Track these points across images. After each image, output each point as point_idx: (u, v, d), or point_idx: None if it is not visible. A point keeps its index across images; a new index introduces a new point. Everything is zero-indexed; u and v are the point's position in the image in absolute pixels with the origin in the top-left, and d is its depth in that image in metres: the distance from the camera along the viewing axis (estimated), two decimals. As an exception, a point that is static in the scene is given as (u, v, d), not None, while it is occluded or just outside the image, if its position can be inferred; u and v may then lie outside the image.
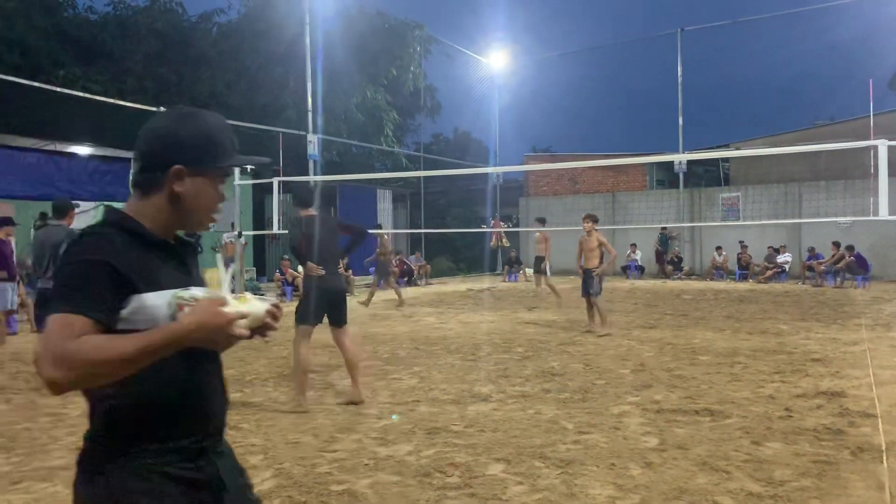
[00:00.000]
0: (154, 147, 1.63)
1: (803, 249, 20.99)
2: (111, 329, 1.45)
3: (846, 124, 23.32)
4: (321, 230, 6.05)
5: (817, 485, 3.96)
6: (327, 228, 6.12)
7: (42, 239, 6.91)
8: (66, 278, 1.48)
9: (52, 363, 1.36)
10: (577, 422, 5.34)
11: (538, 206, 27.63)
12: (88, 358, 1.37)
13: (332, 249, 6.14)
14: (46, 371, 1.37)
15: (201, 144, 1.63)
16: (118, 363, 1.39)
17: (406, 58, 26.53)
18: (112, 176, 15.34)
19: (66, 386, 1.38)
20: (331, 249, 6.10)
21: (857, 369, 7.30)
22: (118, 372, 1.41)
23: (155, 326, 1.47)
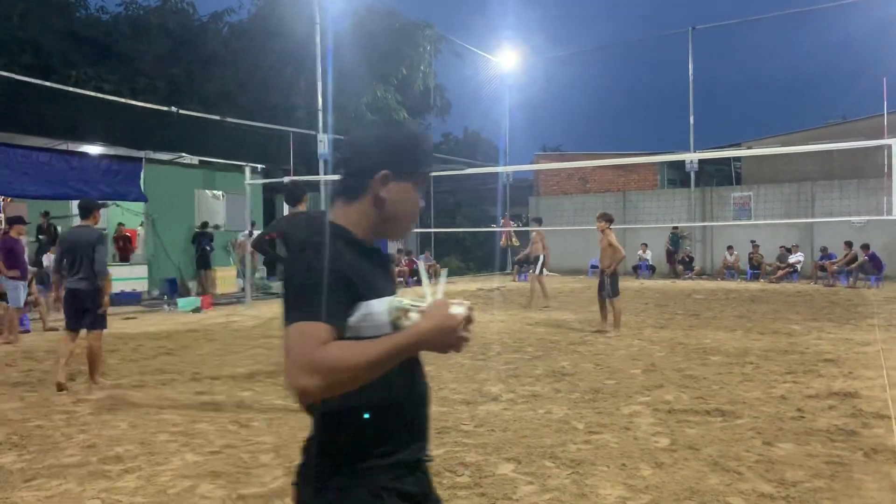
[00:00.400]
0: (363, 154, 1.65)
1: (816, 249, 20.86)
2: (341, 337, 1.45)
3: (859, 123, 23.17)
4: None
5: (830, 486, 3.93)
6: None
7: (71, 240, 7.01)
8: (303, 286, 1.47)
9: (302, 371, 1.37)
10: (587, 422, 5.33)
11: (548, 206, 27.60)
12: (338, 365, 1.38)
13: None
14: (297, 380, 1.37)
15: (409, 150, 1.66)
16: (365, 369, 1.40)
17: (416, 57, 26.54)
18: (123, 175, 15.42)
19: (316, 393, 1.39)
20: None
21: (871, 370, 7.25)
22: (364, 378, 1.41)
23: (379, 334, 1.47)
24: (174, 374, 7.45)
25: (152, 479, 4.17)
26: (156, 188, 16.23)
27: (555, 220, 26.54)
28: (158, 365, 8.05)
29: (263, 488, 4.00)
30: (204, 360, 8.30)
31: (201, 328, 11.34)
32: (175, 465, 4.41)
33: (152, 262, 16.56)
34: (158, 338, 10.27)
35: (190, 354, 8.77)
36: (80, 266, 6.79)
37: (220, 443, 4.88)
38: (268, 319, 12.17)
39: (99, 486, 4.07)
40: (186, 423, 5.43)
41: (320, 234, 1.57)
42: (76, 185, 14.28)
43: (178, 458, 4.57)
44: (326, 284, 1.47)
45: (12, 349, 9.21)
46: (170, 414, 5.72)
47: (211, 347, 9.30)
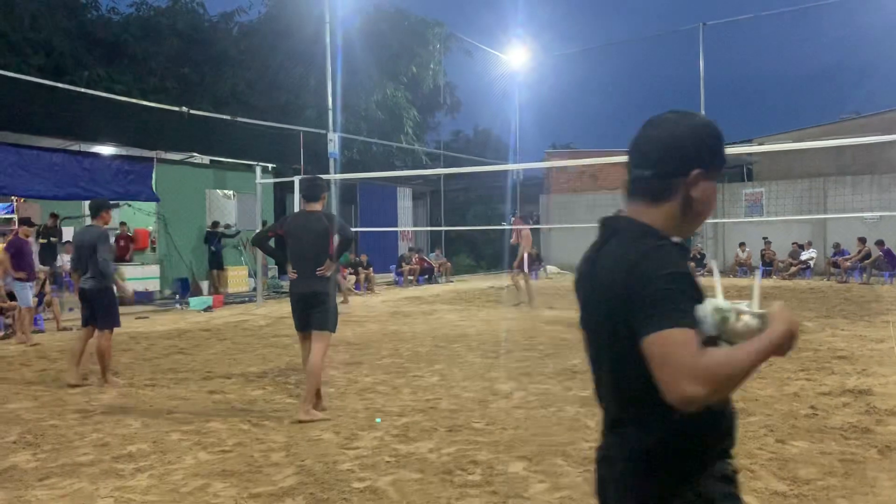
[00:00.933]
0: (674, 153, 1.58)
1: (828, 245, 20.71)
2: None
3: (873, 118, 22.95)
4: (304, 228, 5.62)
5: (844, 483, 3.90)
6: (313, 227, 5.58)
7: (78, 240, 7.19)
8: (669, 291, 1.42)
9: (688, 380, 1.34)
10: (599, 420, 5.30)
11: (559, 204, 27.54)
12: (721, 371, 1.36)
13: (315, 250, 5.55)
14: (683, 389, 1.34)
15: (716, 146, 1.62)
16: (743, 374, 1.38)
17: (426, 55, 26.55)
18: (135, 175, 15.49)
19: (701, 401, 1.36)
20: (311, 250, 5.56)
21: (885, 367, 7.19)
22: (740, 383, 1.41)
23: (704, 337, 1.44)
24: (186, 374, 7.48)
25: (164, 478, 4.19)
26: (167, 188, 16.30)
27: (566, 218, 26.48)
28: (170, 364, 8.09)
29: (274, 487, 4.01)
30: (216, 360, 8.34)
31: (213, 327, 11.38)
32: (187, 464, 4.43)
33: (164, 261, 16.64)
34: (170, 337, 10.32)
35: (202, 354, 8.81)
36: (86, 265, 6.95)
37: (232, 442, 4.90)
38: (278, 318, 12.20)
39: (112, 484, 4.10)
40: (198, 422, 5.46)
41: (660, 239, 1.53)
42: (88, 185, 14.36)
43: (191, 456, 4.59)
44: (687, 289, 1.44)
45: (26, 348, 9.28)
46: (182, 413, 5.75)
47: (222, 347, 9.34)
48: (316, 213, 5.68)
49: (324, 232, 5.59)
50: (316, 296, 5.53)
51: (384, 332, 10.54)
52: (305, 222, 5.64)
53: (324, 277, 5.54)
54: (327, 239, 5.61)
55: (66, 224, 15.07)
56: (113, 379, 6.90)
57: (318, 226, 5.58)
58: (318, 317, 5.54)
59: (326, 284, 5.59)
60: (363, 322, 11.78)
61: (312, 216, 5.65)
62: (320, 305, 5.55)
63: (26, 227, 10.35)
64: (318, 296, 5.54)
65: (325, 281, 5.57)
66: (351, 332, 10.48)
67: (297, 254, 5.63)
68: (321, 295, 5.55)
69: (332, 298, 5.73)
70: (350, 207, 22.77)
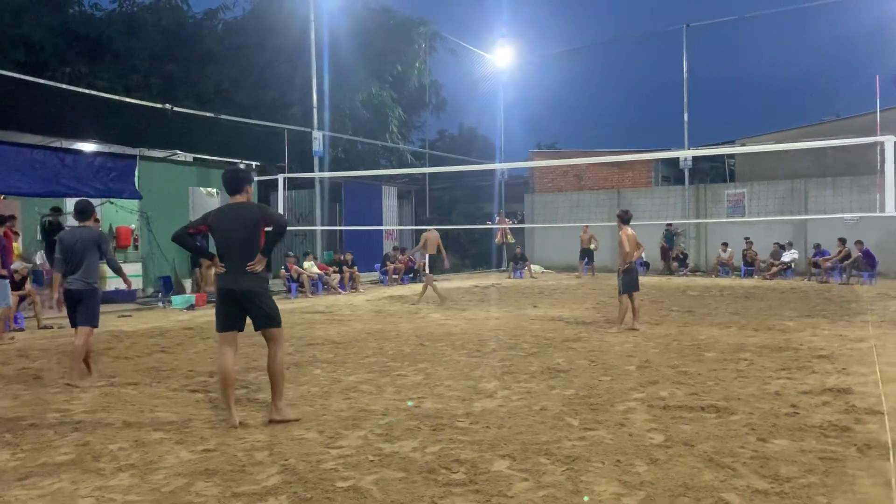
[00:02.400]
0: None
1: (809, 246, 20.93)
2: None
3: (853, 120, 23.22)
4: (232, 220, 5.32)
5: (824, 481, 3.94)
6: (241, 218, 5.29)
7: (71, 240, 7.09)
8: None
9: None
10: (582, 418, 5.34)
11: (544, 203, 27.65)
12: None
13: (243, 244, 5.27)
14: None
15: None
16: None
17: (411, 54, 26.54)
18: (117, 173, 15.36)
19: None
20: (239, 243, 5.27)
21: (864, 366, 7.27)
22: None
23: None
24: (168, 372, 7.44)
25: (146, 478, 4.16)
26: (150, 186, 16.19)
27: (550, 217, 26.60)
28: (153, 363, 8.04)
29: (258, 486, 3.99)
30: (198, 358, 8.29)
31: (196, 326, 11.31)
32: (169, 463, 4.40)
33: (147, 259, 16.52)
34: (153, 335, 10.25)
35: (184, 352, 8.76)
36: (77, 266, 6.97)
37: (215, 441, 4.87)
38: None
39: (93, 484, 4.06)
40: (181, 420, 5.42)
41: None
42: (70, 182, 14.22)
43: (173, 455, 4.56)
44: None
45: (5, 347, 9.18)
46: (164, 412, 5.71)
47: (205, 345, 9.28)
48: (244, 204, 5.43)
49: (254, 224, 5.29)
50: (250, 294, 5.26)
51: (368, 330, 10.52)
52: (233, 215, 5.33)
53: (255, 273, 5.26)
54: (258, 231, 5.32)
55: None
56: (78, 381, 6.77)
57: (247, 217, 5.30)
58: (260, 315, 5.32)
59: (259, 280, 5.34)
60: (347, 321, 11.75)
61: (241, 208, 5.38)
62: (257, 302, 5.29)
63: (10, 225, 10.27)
64: (252, 293, 5.27)
65: (258, 276, 5.30)
66: (335, 331, 10.46)
67: (226, 248, 5.32)
68: (254, 292, 5.28)
69: (267, 293, 5.44)
70: (335, 206, 22.72)
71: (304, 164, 20.58)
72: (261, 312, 5.32)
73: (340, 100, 23.44)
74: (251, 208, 5.43)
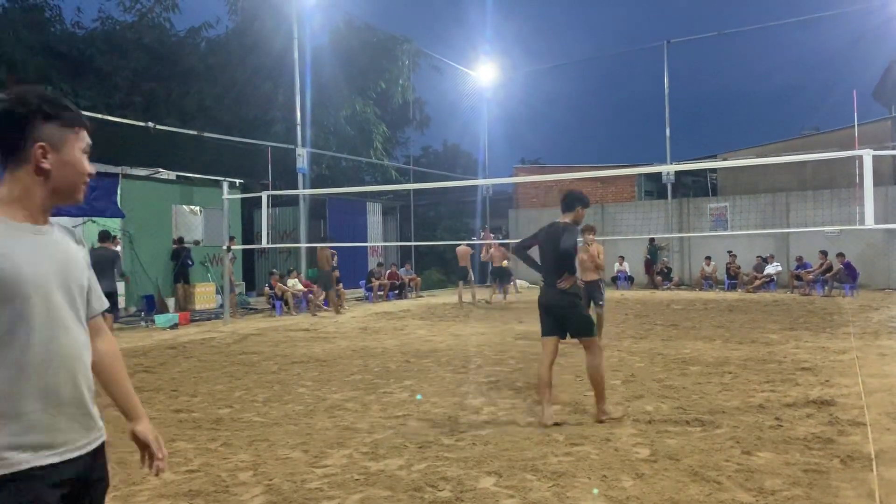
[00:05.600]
0: None
1: (791, 258, 21.12)
2: None
3: (832, 134, 23.53)
4: (549, 237, 5.83)
5: (808, 493, 3.96)
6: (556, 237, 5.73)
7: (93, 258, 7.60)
8: None
9: None
10: (568, 434, 5.33)
11: (528, 218, 27.71)
12: None
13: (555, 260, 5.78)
14: None
15: None
16: None
17: (395, 71, 26.62)
18: (100, 192, 15.27)
19: None
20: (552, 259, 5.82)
21: (847, 378, 7.33)
22: None
23: None
24: (151, 392, 7.36)
25: (129, 500, 4.11)
26: (133, 204, 16.10)
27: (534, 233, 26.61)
28: (135, 382, 7.89)
29: (242, 507, 3.95)
30: (182, 378, 8.21)
31: (179, 345, 11.22)
32: (152, 485, 4.35)
33: (130, 278, 16.39)
34: (135, 355, 10.15)
35: (167, 372, 8.68)
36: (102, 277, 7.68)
37: (199, 461, 4.83)
38: (246, 336, 12.07)
39: (74, 507, 4.00)
40: (164, 441, 5.35)
41: None
42: (51, 201, 14.10)
43: (156, 477, 4.50)
44: None
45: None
46: (147, 432, 5.64)
47: (189, 364, 9.20)
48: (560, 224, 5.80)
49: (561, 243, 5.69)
50: (558, 307, 5.80)
51: (354, 348, 10.48)
52: (552, 233, 5.79)
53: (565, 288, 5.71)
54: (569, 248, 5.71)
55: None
56: None
57: (559, 236, 5.68)
58: (571, 327, 5.79)
59: (568, 295, 5.76)
60: (332, 338, 11.70)
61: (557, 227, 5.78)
62: (567, 315, 5.79)
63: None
64: (560, 307, 5.79)
65: (566, 292, 5.73)
66: (320, 349, 10.40)
67: (544, 263, 5.93)
68: (561, 306, 5.78)
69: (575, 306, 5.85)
70: (319, 222, 22.68)
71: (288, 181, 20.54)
72: (571, 324, 5.77)
73: (324, 116, 23.47)
74: (559, 228, 5.79)
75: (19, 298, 1.66)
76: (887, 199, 19.74)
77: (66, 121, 1.80)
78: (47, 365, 1.70)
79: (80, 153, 1.84)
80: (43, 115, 1.75)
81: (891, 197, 20.12)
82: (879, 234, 20.16)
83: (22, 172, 1.75)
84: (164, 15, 24.89)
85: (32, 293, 1.68)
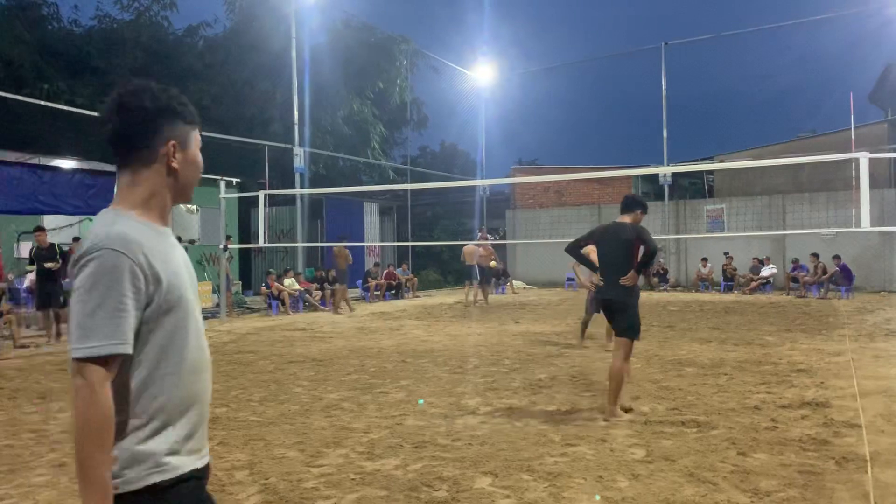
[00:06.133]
0: None
1: (787, 260, 21.16)
2: None
3: (828, 137, 23.59)
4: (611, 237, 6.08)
5: (803, 495, 3.97)
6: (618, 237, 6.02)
7: None
8: None
9: None
10: (564, 434, 5.34)
11: (525, 219, 27.74)
12: None
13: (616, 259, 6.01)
14: None
15: None
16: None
17: (392, 71, 26.61)
18: (96, 190, 15.19)
19: None
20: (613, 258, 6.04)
21: (842, 380, 7.35)
22: None
23: None
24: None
25: (124, 498, 4.10)
26: (129, 202, 16.04)
27: (532, 233, 26.68)
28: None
29: (238, 506, 3.96)
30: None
31: (175, 344, 11.19)
32: (148, 484, 4.34)
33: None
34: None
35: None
36: None
37: (195, 460, 4.82)
38: (243, 335, 12.06)
39: (69, 505, 4.00)
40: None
41: None
42: (48, 199, 14.05)
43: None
44: None
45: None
46: (143, 431, 5.64)
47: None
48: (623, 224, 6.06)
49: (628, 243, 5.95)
50: (615, 303, 6.01)
51: (350, 347, 10.48)
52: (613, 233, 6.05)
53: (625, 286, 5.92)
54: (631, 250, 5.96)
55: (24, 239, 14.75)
56: None
57: (623, 236, 5.96)
58: (619, 324, 6.02)
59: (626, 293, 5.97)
60: (329, 338, 11.70)
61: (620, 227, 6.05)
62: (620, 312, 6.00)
63: None
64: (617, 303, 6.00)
65: (626, 289, 5.94)
66: (316, 349, 10.40)
67: (603, 261, 6.15)
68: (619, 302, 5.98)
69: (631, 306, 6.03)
70: (316, 222, 22.66)
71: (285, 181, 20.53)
72: (620, 322, 5.99)
73: (321, 116, 23.44)
74: (627, 228, 6.02)
75: (180, 306, 1.65)
76: (883, 202, 19.79)
77: (189, 117, 1.76)
78: (199, 372, 1.71)
79: (198, 150, 1.80)
80: (171, 112, 1.72)
81: (887, 199, 20.17)
82: (875, 237, 20.21)
83: (150, 172, 1.71)
84: (161, 14, 24.80)
85: (185, 299, 1.67)
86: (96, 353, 1.49)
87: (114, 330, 1.51)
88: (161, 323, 1.61)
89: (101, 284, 1.52)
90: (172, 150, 1.70)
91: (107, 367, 1.50)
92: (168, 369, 1.62)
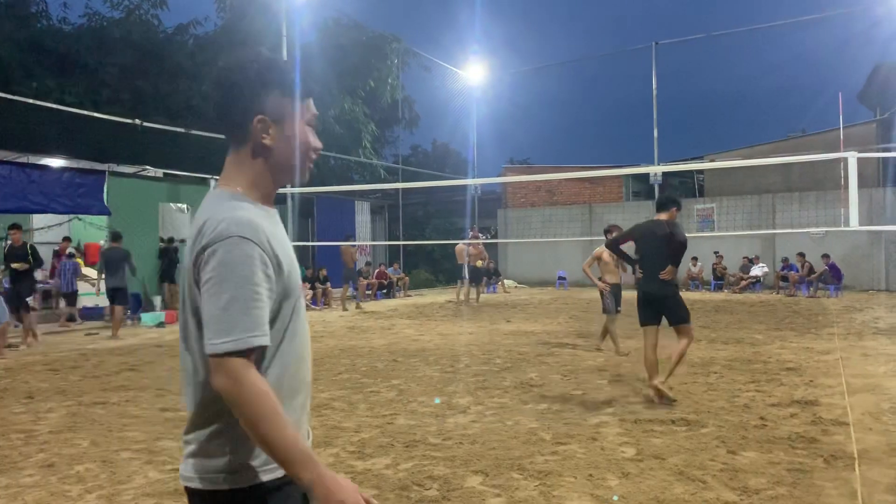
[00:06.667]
0: None
1: (777, 259, 21.27)
2: None
3: (818, 136, 23.72)
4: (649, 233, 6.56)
5: (791, 493, 4.00)
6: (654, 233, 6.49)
7: (110, 255, 12.14)
8: None
9: None
10: (554, 433, 5.35)
11: (516, 218, 27.78)
12: None
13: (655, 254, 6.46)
14: None
15: None
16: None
17: (384, 70, 26.59)
18: (86, 188, 15.14)
19: None
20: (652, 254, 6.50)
21: (830, 378, 7.40)
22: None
23: None
24: (137, 391, 7.33)
25: (114, 499, 4.09)
26: (119, 201, 15.97)
27: (523, 232, 26.72)
28: (121, 381, 7.91)
29: (228, 505, 3.94)
30: (168, 376, 8.17)
31: (165, 343, 11.17)
32: (137, 484, 4.33)
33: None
34: (122, 353, 10.09)
35: (154, 370, 8.64)
36: (114, 272, 11.90)
37: (185, 460, 4.80)
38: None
39: (58, 506, 3.98)
40: (150, 440, 5.34)
41: None
42: (37, 198, 13.99)
43: (141, 476, 4.49)
44: None
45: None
46: (132, 431, 5.62)
47: (175, 363, 9.15)
48: (658, 221, 6.49)
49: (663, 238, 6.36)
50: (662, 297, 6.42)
51: (341, 347, 10.47)
52: (651, 229, 6.51)
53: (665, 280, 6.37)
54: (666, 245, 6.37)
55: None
56: None
57: (658, 232, 6.40)
58: (671, 314, 6.43)
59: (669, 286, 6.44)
60: (320, 337, 11.68)
61: (656, 224, 6.51)
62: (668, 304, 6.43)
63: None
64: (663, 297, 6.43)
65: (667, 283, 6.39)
66: (307, 348, 10.37)
67: (642, 257, 6.63)
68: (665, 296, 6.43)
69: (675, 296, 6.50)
70: (307, 221, 22.60)
71: (276, 180, 20.43)
72: (672, 312, 6.40)
73: (313, 115, 23.38)
74: (663, 225, 6.44)
75: (295, 291, 1.58)
76: (872, 202, 19.92)
77: (287, 88, 1.61)
78: (305, 359, 1.65)
79: (303, 125, 1.64)
80: (262, 83, 1.57)
81: (875, 199, 20.30)
82: (864, 236, 20.34)
83: (248, 151, 1.61)
84: (151, 12, 24.71)
85: (298, 285, 1.61)
86: (236, 346, 1.41)
87: (253, 322, 1.43)
88: (281, 309, 1.54)
89: (235, 275, 1.43)
90: (262, 126, 1.58)
91: (248, 358, 1.43)
92: (282, 356, 1.56)
